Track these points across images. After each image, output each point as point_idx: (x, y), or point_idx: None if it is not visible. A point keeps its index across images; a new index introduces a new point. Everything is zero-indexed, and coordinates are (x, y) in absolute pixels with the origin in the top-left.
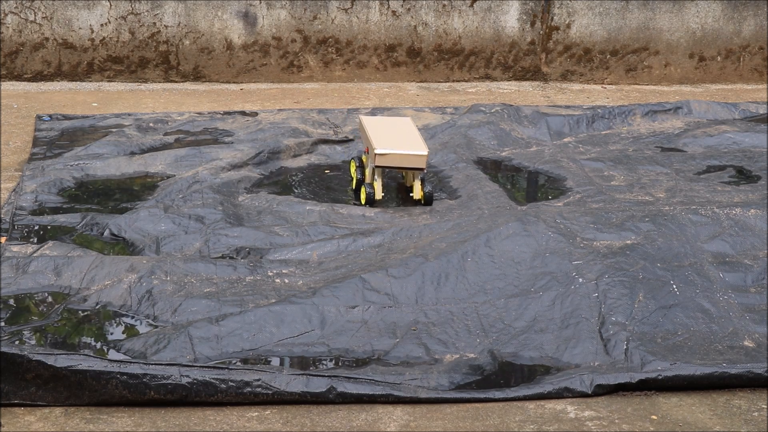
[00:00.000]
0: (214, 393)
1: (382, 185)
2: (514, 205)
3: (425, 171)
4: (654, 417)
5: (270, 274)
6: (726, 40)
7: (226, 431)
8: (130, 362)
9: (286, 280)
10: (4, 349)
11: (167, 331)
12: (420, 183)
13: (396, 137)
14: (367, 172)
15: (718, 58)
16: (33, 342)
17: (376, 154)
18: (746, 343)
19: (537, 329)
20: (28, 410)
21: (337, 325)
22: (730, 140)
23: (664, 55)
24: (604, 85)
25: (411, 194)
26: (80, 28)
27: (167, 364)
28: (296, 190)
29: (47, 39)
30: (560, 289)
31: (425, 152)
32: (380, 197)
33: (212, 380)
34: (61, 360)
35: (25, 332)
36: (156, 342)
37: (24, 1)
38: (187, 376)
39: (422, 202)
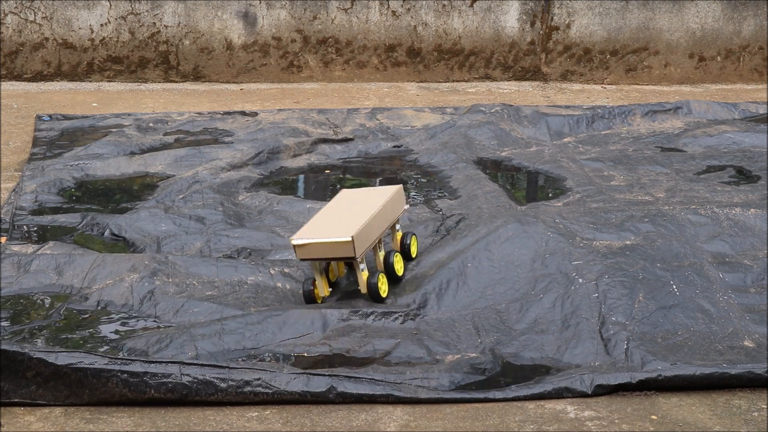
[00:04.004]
0: (214, 392)
1: (328, 280)
2: (514, 205)
3: (358, 259)
4: (654, 417)
5: (272, 273)
6: (726, 40)
7: (226, 431)
8: (131, 360)
9: (288, 286)
10: (5, 346)
11: (169, 332)
12: (366, 272)
13: (338, 218)
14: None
15: (718, 58)
16: (34, 341)
17: (294, 246)
18: (746, 343)
19: (537, 330)
20: (28, 410)
21: (339, 328)
22: (730, 140)
23: (664, 55)
24: (604, 85)
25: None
26: (80, 28)
27: (168, 362)
28: (296, 190)
29: (47, 39)
30: (560, 290)
31: (349, 237)
32: (327, 293)
33: (212, 379)
34: (62, 358)
35: (26, 331)
36: (158, 342)
37: (24, 1)
38: (188, 374)
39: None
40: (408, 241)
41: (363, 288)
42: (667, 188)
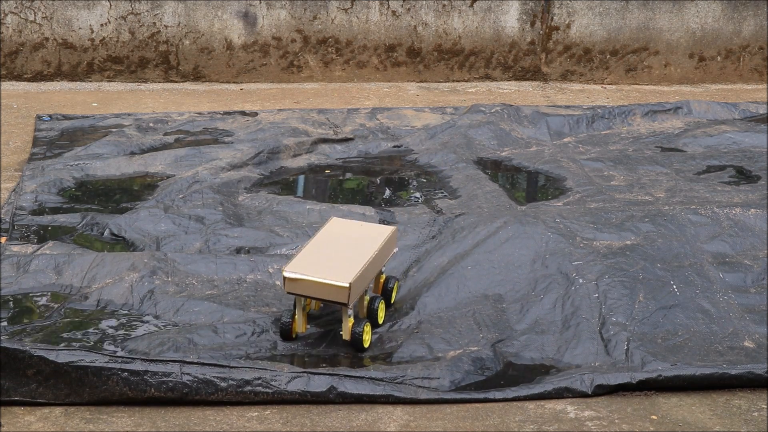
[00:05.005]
0: (214, 391)
1: (305, 316)
2: (514, 205)
3: (349, 306)
4: (654, 417)
5: (270, 271)
6: (726, 40)
7: (226, 431)
8: (132, 359)
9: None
10: (5, 344)
11: (170, 332)
12: (352, 319)
13: (331, 256)
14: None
15: (718, 58)
16: (34, 339)
17: (285, 278)
18: (746, 343)
19: (538, 330)
20: (28, 410)
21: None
22: (730, 140)
23: (664, 55)
24: (604, 85)
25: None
26: (80, 28)
27: (168, 361)
28: (296, 190)
29: (47, 39)
30: (561, 290)
31: (346, 284)
32: (304, 330)
33: (213, 378)
34: (62, 356)
35: (26, 331)
36: (160, 344)
37: (24, 1)
38: (188, 373)
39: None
40: (390, 286)
41: (346, 335)
42: (667, 188)
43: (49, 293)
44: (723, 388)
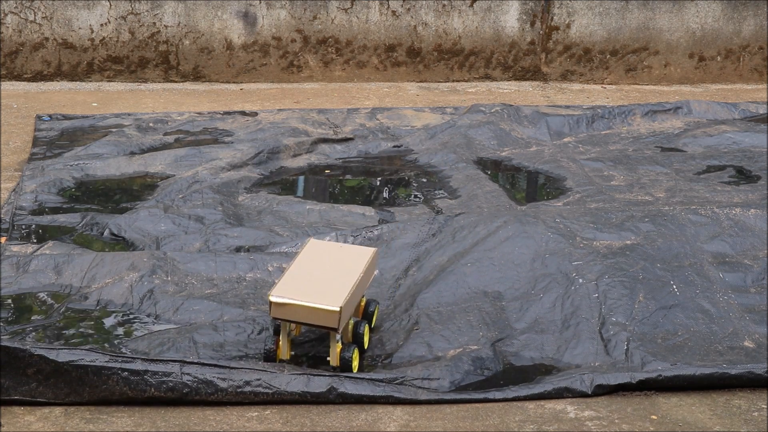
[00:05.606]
0: (214, 391)
1: (289, 342)
2: (514, 205)
3: (339, 331)
4: (654, 417)
5: (270, 269)
6: (726, 40)
7: (226, 431)
8: (133, 358)
9: None
10: (6, 343)
11: (170, 332)
12: (341, 344)
13: (316, 279)
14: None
15: (718, 58)
16: (34, 339)
17: (271, 302)
18: (746, 343)
19: (538, 330)
20: (28, 410)
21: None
22: (729, 140)
23: (663, 55)
24: (604, 85)
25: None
26: (80, 28)
27: (169, 361)
28: (296, 190)
29: (47, 39)
30: (560, 290)
31: (337, 307)
32: (288, 357)
33: (213, 378)
34: (63, 355)
35: (25, 331)
36: (160, 344)
37: (24, 1)
38: (188, 373)
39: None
40: (372, 309)
41: (334, 361)
42: (667, 188)
43: (48, 293)
44: (723, 388)
